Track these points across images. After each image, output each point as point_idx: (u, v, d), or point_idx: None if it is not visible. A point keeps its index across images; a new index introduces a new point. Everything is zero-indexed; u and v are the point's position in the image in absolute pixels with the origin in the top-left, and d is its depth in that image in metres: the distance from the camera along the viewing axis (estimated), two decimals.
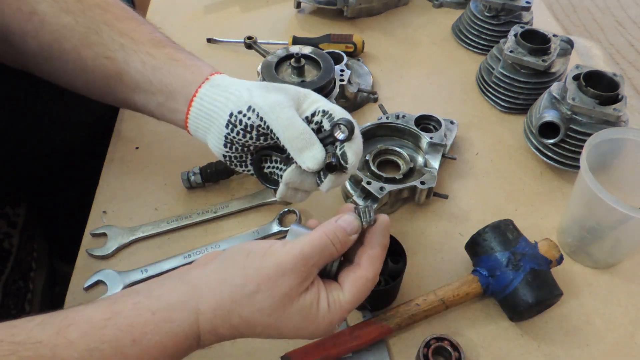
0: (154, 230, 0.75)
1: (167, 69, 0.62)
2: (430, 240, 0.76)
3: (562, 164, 0.81)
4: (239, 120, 0.58)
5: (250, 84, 0.61)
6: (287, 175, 0.60)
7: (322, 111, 0.59)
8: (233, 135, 0.59)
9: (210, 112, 0.60)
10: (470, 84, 1.02)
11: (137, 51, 0.63)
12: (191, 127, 0.63)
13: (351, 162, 0.57)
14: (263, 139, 0.60)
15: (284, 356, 0.61)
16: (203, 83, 0.61)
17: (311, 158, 0.57)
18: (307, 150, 0.57)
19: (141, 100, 0.65)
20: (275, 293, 0.47)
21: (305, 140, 0.57)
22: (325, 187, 0.61)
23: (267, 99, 0.58)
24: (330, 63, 0.89)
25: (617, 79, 0.80)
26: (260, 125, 0.58)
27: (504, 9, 1.04)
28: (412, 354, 0.63)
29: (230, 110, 0.59)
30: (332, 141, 0.58)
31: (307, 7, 1.19)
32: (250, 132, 0.59)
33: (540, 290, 0.62)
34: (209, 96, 0.60)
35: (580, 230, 0.72)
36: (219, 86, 0.61)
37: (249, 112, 0.58)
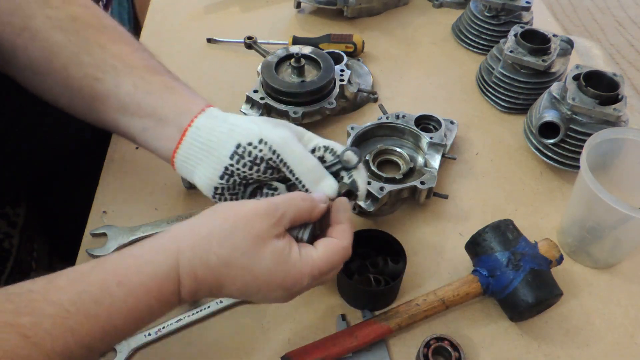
0: (154, 230, 0.75)
1: (160, 95, 0.61)
2: (430, 240, 0.76)
3: (562, 164, 0.81)
4: (248, 152, 0.58)
5: (253, 118, 0.61)
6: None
7: (323, 147, 0.61)
8: (237, 167, 0.59)
9: (209, 142, 0.59)
10: (470, 84, 1.02)
11: (130, 74, 0.62)
12: (180, 156, 0.61)
13: (362, 189, 0.60)
14: (270, 172, 0.60)
15: (284, 356, 0.61)
16: (200, 113, 0.61)
17: (329, 187, 0.59)
18: (322, 181, 0.59)
19: (124, 123, 0.63)
20: (249, 232, 0.50)
21: (318, 172, 0.59)
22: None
23: (278, 133, 0.58)
24: (330, 63, 0.89)
25: (617, 79, 0.80)
26: (272, 158, 0.58)
27: (504, 9, 1.04)
28: (412, 354, 0.63)
29: (237, 141, 0.58)
30: (336, 171, 0.60)
31: (307, 7, 1.19)
32: (259, 164, 0.59)
33: (540, 290, 0.62)
34: (207, 127, 0.60)
35: (580, 230, 0.72)
36: (217, 118, 0.60)
37: (261, 145, 0.58)
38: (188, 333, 0.66)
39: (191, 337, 0.65)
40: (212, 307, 0.67)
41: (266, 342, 0.65)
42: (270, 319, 0.67)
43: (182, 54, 1.07)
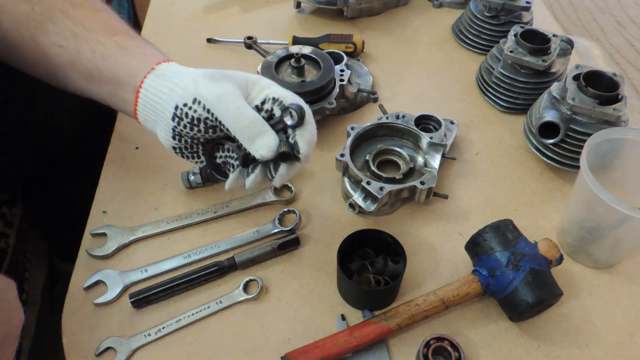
0: (154, 230, 0.75)
1: (115, 58, 0.61)
2: (430, 240, 0.76)
3: (562, 164, 0.81)
4: (185, 113, 0.57)
5: (196, 74, 0.59)
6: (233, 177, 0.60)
7: (272, 98, 0.58)
8: (180, 129, 0.58)
9: (156, 104, 0.59)
10: (470, 84, 1.02)
11: (87, 39, 0.62)
12: (140, 118, 0.62)
13: (303, 151, 0.56)
14: (212, 131, 0.58)
15: (284, 356, 0.61)
16: (149, 73, 0.60)
17: (264, 146, 0.56)
18: (259, 138, 0.56)
19: (95, 89, 0.64)
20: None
21: (257, 128, 0.56)
22: (278, 180, 0.59)
23: (213, 90, 0.56)
24: (330, 63, 0.89)
25: (617, 79, 0.80)
26: (208, 117, 0.57)
27: (504, 9, 1.04)
28: (412, 354, 0.63)
29: (175, 102, 0.57)
30: (283, 128, 0.56)
31: (307, 7, 1.19)
32: (198, 125, 0.58)
33: (540, 290, 0.62)
34: (153, 87, 0.59)
35: (580, 230, 0.72)
36: (164, 76, 0.59)
37: (195, 105, 0.56)
38: (188, 333, 0.66)
39: (191, 337, 0.65)
40: (212, 307, 0.67)
41: (266, 342, 0.65)
42: (270, 319, 0.67)
43: (182, 54, 1.07)
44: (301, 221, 0.77)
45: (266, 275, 0.71)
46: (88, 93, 0.66)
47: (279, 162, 0.58)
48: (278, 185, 0.60)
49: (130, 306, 0.67)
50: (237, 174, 0.61)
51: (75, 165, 0.95)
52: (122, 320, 0.67)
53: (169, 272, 0.71)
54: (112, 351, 0.63)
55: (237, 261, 0.71)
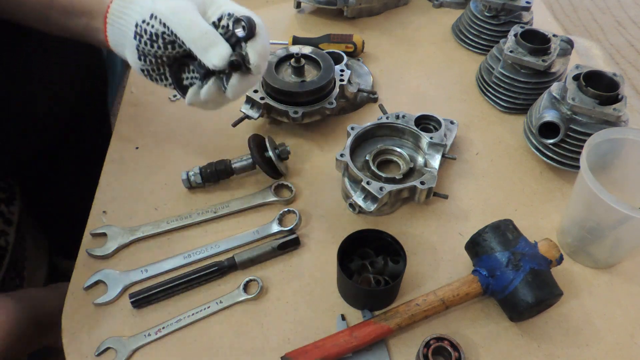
0: (154, 230, 0.75)
1: None
2: (430, 240, 0.76)
3: (562, 164, 0.81)
4: (144, 29, 0.59)
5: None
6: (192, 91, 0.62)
7: (227, 14, 0.60)
8: (142, 47, 0.60)
9: (121, 26, 0.61)
10: (470, 84, 1.02)
11: None
12: (112, 44, 0.63)
13: (253, 61, 0.58)
14: (171, 47, 0.60)
15: (284, 356, 0.61)
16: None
17: (216, 55, 0.57)
18: (212, 48, 0.57)
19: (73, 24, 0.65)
20: None
21: (209, 39, 0.57)
22: (231, 91, 0.61)
23: (169, 4, 0.58)
24: (330, 63, 0.89)
25: (617, 79, 0.80)
26: (165, 32, 0.58)
27: (504, 9, 1.04)
28: (412, 354, 0.63)
29: (135, 20, 0.59)
30: (236, 40, 0.58)
31: (307, 7, 1.19)
32: (157, 40, 0.59)
33: (540, 290, 0.62)
34: (118, 10, 0.61)
35: (580, 230, 0.72)
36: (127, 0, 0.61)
37: (152, 20, 0.58)
38: (188, 333, 0.66)
39: (191, 337, 0.65)
40: (212, 307, 0.67)
41: (266, 342, 0.65)
42: (270, 319, 0.67)
43: None
44: (301, 221, 0.77)
45: (266, 275, 0.71)
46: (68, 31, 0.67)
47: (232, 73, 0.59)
48: (230, 97, 0.61)
49: (130, 306, 0.67)
50: (195, 88, 0.63)
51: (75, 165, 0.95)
52: (122, 320, 0.67)
53: (169, 272, 0.71)
54: (112, 351, 0.63)
55: (237, 261, 0.71)
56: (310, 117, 0.88)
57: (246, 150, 0.80)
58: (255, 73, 0.60)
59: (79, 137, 0.96)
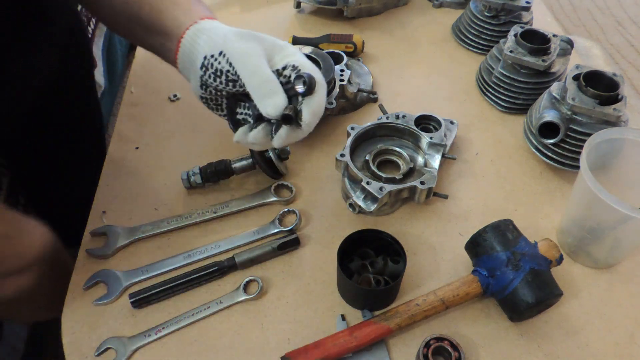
0: (154, 230, 0.75)
1: (168, 12, 0.66)
2: (430, 240, 0.76)
3: (562, 164, 0.81)
4: (211, 63, 0.62)
5: (229, 30, 0.63)
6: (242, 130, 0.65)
7: (292, 65, 0.61)
8: (205, 78, 0.63)
9: (191, 53, 0.64)
10: (470, 84, 1.02)
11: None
12: (180, 67, 0.67)
13: (305, 118, 0.60)
14: (232, 85, 0.63)
15: (284, 356, 0.61)
16: (191, 25, 0.65)
17: (272, 105, 0.59)
18: (269, 98, 0.59)
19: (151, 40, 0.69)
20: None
21: (270, 88, 0.59)
22: (277, 141, 0.63)
23: (238, 46, 0.61)
24: (330, 63, 0.89)
25: (617, 79, 0.80)
26: (230, 70, 0.61)
27: (504, 9, 1.04)
28: (412, 354, 0.63)
29: (205, 53, 0.62)
30: (294, 94, 0.59)
31: (307, 7, 1.19)
32: (220, 76, 0.62)
33: (540, 290, 0.62)
34: (192, 39, 0.64)
35: (580, 230, 0.72)
36: (203, 29, 0.64)
37: (220, 57, 0.61)
38: (188, 333, 0.66)
39: (191, 337, 0.65)
40: (212, 307, 0.67)
41: (266, 342, 0.65)
42: (270, 319, 0.67)
43: None
44: (301, 221, 0.77)
45: (266, 275, 0.71)
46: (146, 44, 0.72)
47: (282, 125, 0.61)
48: (276, 146, 0.64)
49: (130, 306, 0.67)
50: (246, 128, 0.66)
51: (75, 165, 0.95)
52: (122, 320, 0.67)
53: (169, 272, 0.71)
54: (112, 351, 0.63)
55: (237, 261, 0.71)
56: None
57: (246, 150, 0.80)
58: (304, 130, 0.62)
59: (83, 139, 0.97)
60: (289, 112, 0.59)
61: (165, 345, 0.65)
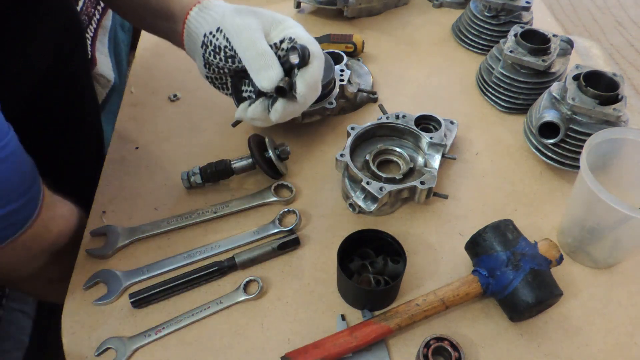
0: (154, 230, 0.75)
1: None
2: (430, 240, 0.76)
3: (562, 164, 0.81)
4: (210, 41, 0.62)
5: (228, 7, 0.63)
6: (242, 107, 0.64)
7: (289, 38, 0.61)
8: (207, 56, 0.63)
9: (194, 33, 0.64)
10: (470, 84, 1.02)
11: None
12: (186, 48, 0.68)
13: (299, 90, 0.59)
14: (231, 61, 0.62)
15: (284, 356, 0.61)
16: (194, 6, 0.65)
17: (266, 78, 0.58)
18: (264, 71, 0.58)
19: (160, 26, 0.70)
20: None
21: (265, 61, 0.58)
22: (274, 115, 0.62)
23: (235, 21, 0.60)
24: (330, 63, 0.89)
25: (617, 79, 0.80)
26: (227, 46, 0.61)
27: (504, 9, 1.04)
28: (412, 354, 0.63)
29: (204, 31, 0.63)
30: (290, 66, 0.58)
31: (307, 7, 1.19)
32: (219, 53, 0.62)
33: (540, 290, 0.62)
34: (195, 18, 0.64)
35: (580, 230, 0.72)
36: (205, 9, 0.64)
37: (217, 33, 0.61)
38: (188, 333, 0.66)
39: (191, 337, 0.65)
40: (212, 307, 0.67)
41: (266, 342, 0.65)
42: (270, 319, 0.67)
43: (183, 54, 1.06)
44: (301, 221, 0.77)
45: (266, 275, 0.71)
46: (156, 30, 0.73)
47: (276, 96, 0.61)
48: (274, 120, 0.63)
49: (130, 306, 0.67)
50: (245, 104, 0.66)
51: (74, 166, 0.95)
52: (122, 321, 0.67)
53: (169, 272, 0.71)
54: (112, 351, 0.63)
55: (237, 261, 0.71)
56: (310, 117, 0.88)
57: (246, 150, 0.80)
58: (300, 102, 0.61)
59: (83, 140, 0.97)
60: (283, 84, 0.58)
61: (165, 345, 0.65)
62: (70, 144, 0.97)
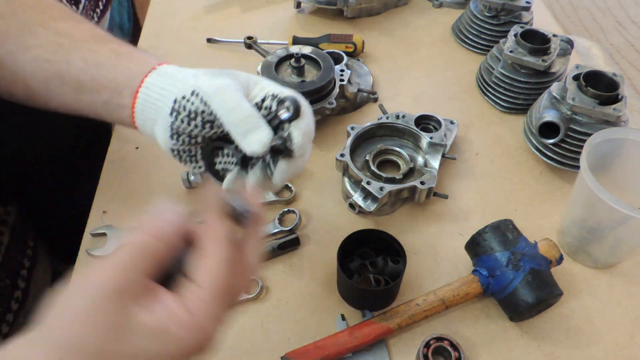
0: None
1: (112, 64, 0.58)
2: (430, 240, 0.76)
3: (562, 164, 0.81)
4: (183, 106, 0.55)
5: (198, 71, 0.57)
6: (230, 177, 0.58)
7: (272, 95, 0.56)
8: (178, 124, 0.55)
9: (156, 101, 0.56)
10: (470, 84, 1.02)
11: (78, 49, 0.59)
12: (138, 120, 0.59)
13: (297, 140, 0.53)
14: (209, 126, 0.56)
15: (284, 356, 0.61)
16: (149, 72, 0.57)
17: (257, 141, 0.53)
18: (252, 133, 0.53)
19: (86, 100, 0.60)
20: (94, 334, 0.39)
21: (251, 123, 0.53)
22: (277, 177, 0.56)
23: (213, 82, 0.54)
24: (330, 63, 0.89)
25: (617, 79, 0.80)
26: (205, 110, 0.54)
27: (504, 9, 1.04)
28: (412, 354, 0.63)
29: (174, 96, 0.55)
30: (279, 123, 0.54)
31: (307, 7, 1.19)
32: (195, 118, 0.55)
33: (540, 290, 0.62)
34: (155, 85, 0.57)
35: (580, 230, 0.72)
36: (166, 74, 0.57)
37: (193, 97, 0.54)
38: None
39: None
40: None
41: (266, 342, 0.65)
42: (271, 319, 0.67)
43: (182, 54, 1.07)
44: (301, 221, 0.77)
45: (266, 275, 0.71)
46: (76, 106, 0.62)
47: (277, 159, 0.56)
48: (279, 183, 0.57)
49: None
50: (234, 174, 0.59)
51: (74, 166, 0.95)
52: None
53: None
54: None
55: None
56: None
57: None
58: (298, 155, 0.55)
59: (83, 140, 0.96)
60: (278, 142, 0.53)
61: None
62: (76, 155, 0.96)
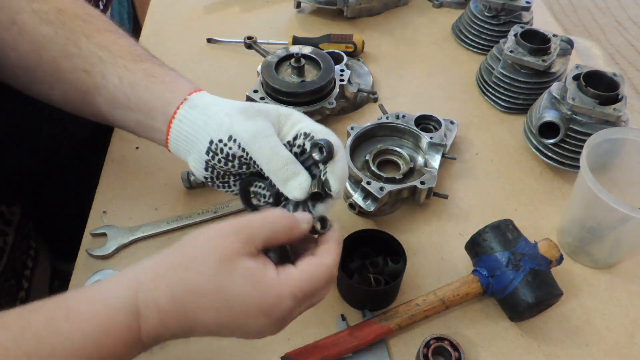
0: (154, 230, 0.75)
1: (145, 85, 0.60)
2: (430, 240, 0.76)
3: (562, 164, 0.81)
4: (220, 148, 0.57)
5: (230, 107, 0.58)
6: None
7: (303, 134, 0.57)
8: (214, 162, 0.58)
9: (190, 135, 0.58)
10: (470, 84, 1.02)
11: (114, 65, 0.61)
12: (172, 148, 0.61)
13: (334, 188, 0.54)
14: (245, 167, 0.58)
15: (284, 356, 0.61)
16: (182, 103, 0.59)
17: (297, 187, 0.55)
18: (292, 180, 0.55)
19: (119, 116, 0.63)
20: (215, 254, 0.45)
21: (290, 170, 0.55)
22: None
23: (248, 128, 0.55)
24: (330, 63, 0.89)
25: (617, 79, 0.80)
26: (242, 155, 0.56)
27: (504, 9, 1.04)
28: (412, 354, 0.63)
29: (210, 137, 0.57)
30: (312, 163, 0.56)
31: (307, 7, 1.19)
32: (232, 161, 0.57)
33: (540, 290, 0.62)
34: (187, 119, 0.58)
35: (580, 230, 0.72)
36: (197, 107, 0.59)
37: (230, 142, 0.56)
38: None
39: (191, 337, 0.65)
40: None
41: (266, 342, 0.65)
42: None
43: (182, 54, 1.07)
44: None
45: None
46: (110, 119, 0.64)
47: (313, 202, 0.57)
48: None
49: None
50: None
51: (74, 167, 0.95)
52: None
53: None
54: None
55: None
56: (310, 117, 0.87)
57: None
58: (335, 198, 0.56)
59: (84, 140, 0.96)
60: (317, 189, 0.54)
61: (165, 345, 0.64)
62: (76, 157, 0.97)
